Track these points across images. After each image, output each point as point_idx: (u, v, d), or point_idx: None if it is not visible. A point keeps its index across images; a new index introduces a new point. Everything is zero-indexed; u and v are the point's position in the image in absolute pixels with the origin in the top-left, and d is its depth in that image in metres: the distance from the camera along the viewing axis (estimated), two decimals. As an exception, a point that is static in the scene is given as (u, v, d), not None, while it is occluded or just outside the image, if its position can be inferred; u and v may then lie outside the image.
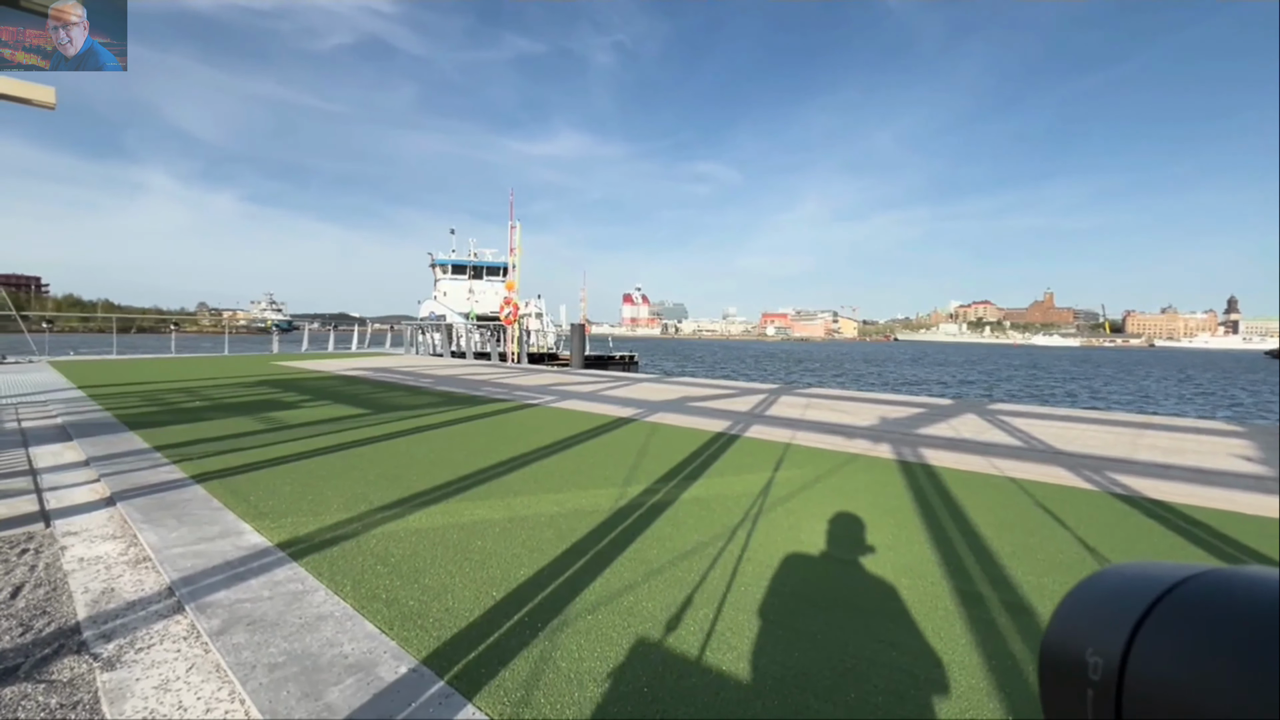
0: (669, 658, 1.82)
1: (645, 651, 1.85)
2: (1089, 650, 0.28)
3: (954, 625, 2.04)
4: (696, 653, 1.85)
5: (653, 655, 1.83)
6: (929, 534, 2.95)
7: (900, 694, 1.66)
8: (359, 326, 23.58)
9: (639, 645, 1.89)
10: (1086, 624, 0.29)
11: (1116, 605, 0.28)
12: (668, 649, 1.87)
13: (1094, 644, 0.28)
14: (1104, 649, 0.27)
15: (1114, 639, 0.27)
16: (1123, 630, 0.27)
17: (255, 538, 2.77)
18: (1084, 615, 0.30)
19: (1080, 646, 0.29)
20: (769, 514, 3.23)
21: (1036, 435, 5.60)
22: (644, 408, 7.30)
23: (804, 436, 5.50)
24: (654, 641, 1.91)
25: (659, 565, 2.51)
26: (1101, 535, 2.95)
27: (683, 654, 1.84)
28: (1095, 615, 0.29)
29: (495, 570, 2.45)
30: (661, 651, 1.86)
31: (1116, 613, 0.28)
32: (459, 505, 3.32)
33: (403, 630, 1.96)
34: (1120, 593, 0.29)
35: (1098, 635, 0.28)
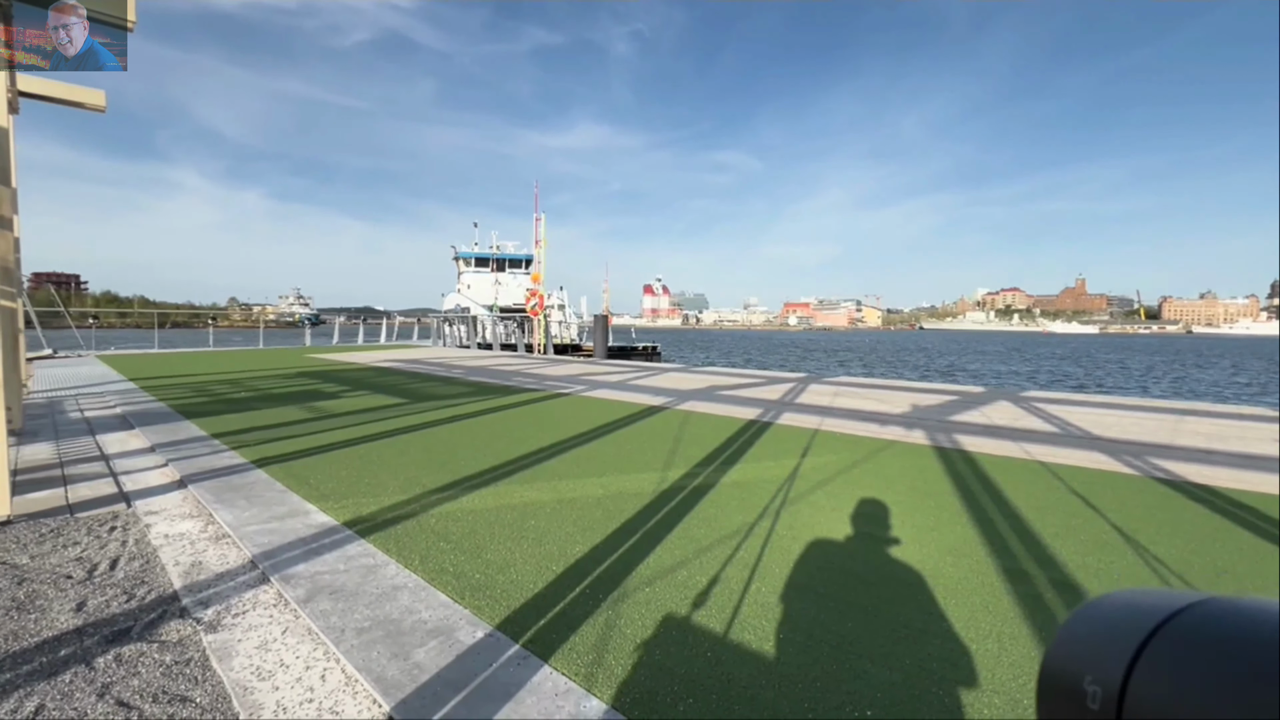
0: (727, 625, 1.92)
1: (704, 620, 1.95)
2: (1087, 679, 0.28)
3: (1001, 600, 2.11)
4: (754, 621, 1.94)
5: (712, 623, 1.93)
6: (970, 516, 2.99)
7: (953, 660, 1.73)
8: (385, 320, 24.03)
9: (697, 615, 1.99)
10: (1086, 651, 0.29)
11: (1116, 632, 0.28)
12: (725, 618, 1.97)
13: (1093, 672, 0.28)
14: (1103, 677, 0.27)
15: (1113, 667, 0.27)
16: (1122, 659, 0.27)
17: (322, 517, 2.93)
18: (1083, 642, 0.30)
19: (1079, 674, 0.29)
20: (809, 497, 3.30)
21: (1073, 422, 5.57)
22: (674, 396, 7.39)
23: (835, 424, 5.54)
24: (711, 612, 2.01)
25: (707, 543, 2.61)
26: (1144, 518, 2.97)
27: (740, 622, 1.94)
28: (1095, 642, 0.29)
29: (551, 547, 2.57)
30: (719, 620, 1.95)
31: (1116, 640, 0.28)
32: (508, 488, 3.45)
33: (473, 600, 2.08)
34: (1120, 620, 0.29)
35: (1096, 663, 0.28)
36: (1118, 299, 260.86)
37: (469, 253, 32.90)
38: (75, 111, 5.50)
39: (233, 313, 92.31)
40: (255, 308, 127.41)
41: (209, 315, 24.48)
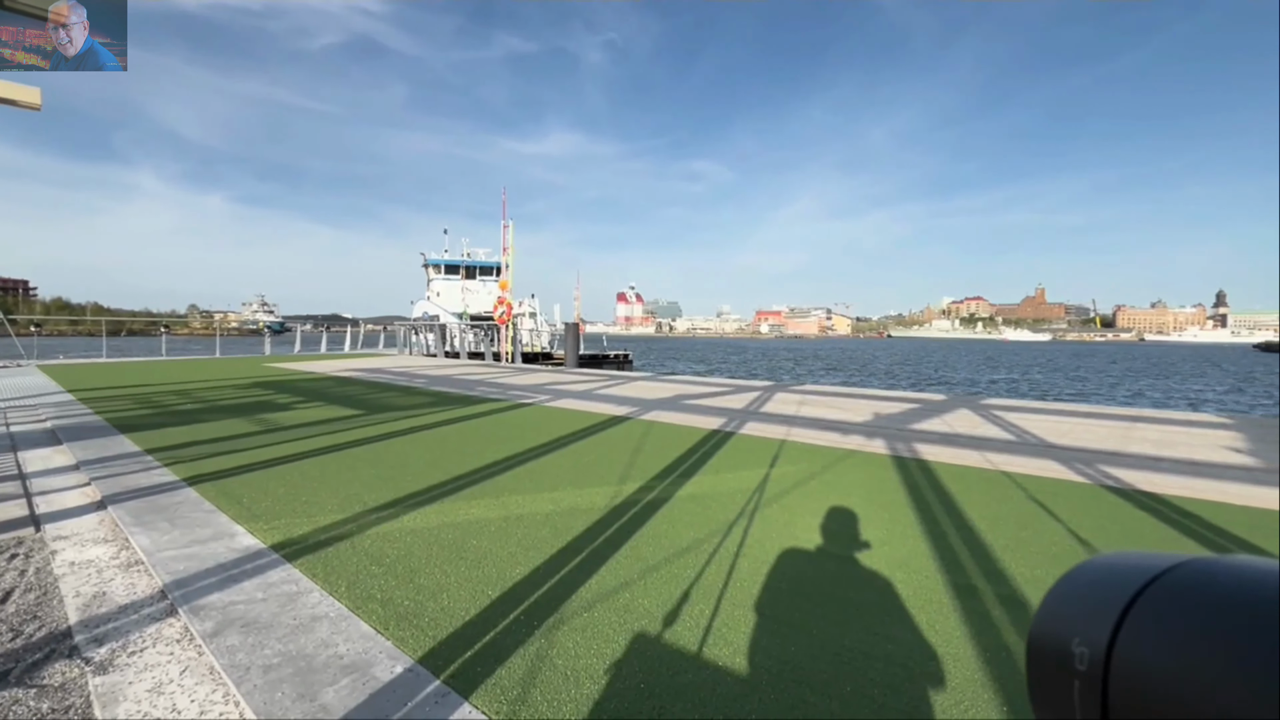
0: (665, 653, 1.82)
1: (642, 648, 1.85)
2: (1075, 640, 0.28)
3: (948, 618, 2.06)
4: (693, 648, 1.85)
5: (649, 651, 1.83)
6: (923, 528, 2.96)
7: (895, 687, 1.66)
8: (351, 327, 23.48)
9: (635, 642, 1.89)
10: (1072, 614, 0.29)
11: (1102, 595, 0.28)
12: (664, 645, 1.87)
13: (1080, 634, 0.28)
14: (1090, 639, 0.27)
15: (1099, 629, 0.27)
16: (1108, 620, 0.27)
17: (249, 540, 2.75)
18: (1070, 605, 0.30)
19: (1066, 637, 0.29)
20: (764, 510, 3.23)
21: (1029, 430, 5.64)
22: (639, 406, 7.30)
23: (799, 433, 5.51)
24: (651, 638, 1.91)
25: (655, 562, 2.51)
26: (1094, 527, 2.97)
27: (679, 649, 1.84)
28: (1081, 605, 0.29)
29: (491, 569, 2.44)
30: (658, 647, 1.86)
31: (1102, 603, 0.28)
32: (454, 505, 3.31)
33: (398, 630, 1.95)
34: (1105, 583, 0.29)
35: (1083, 625, 0.28)
36: (1075, 307, 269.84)
37: (439, 260, 32.47)
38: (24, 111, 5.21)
39: (192, 320, 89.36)
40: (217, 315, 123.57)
41: (164, 322, 23.59)
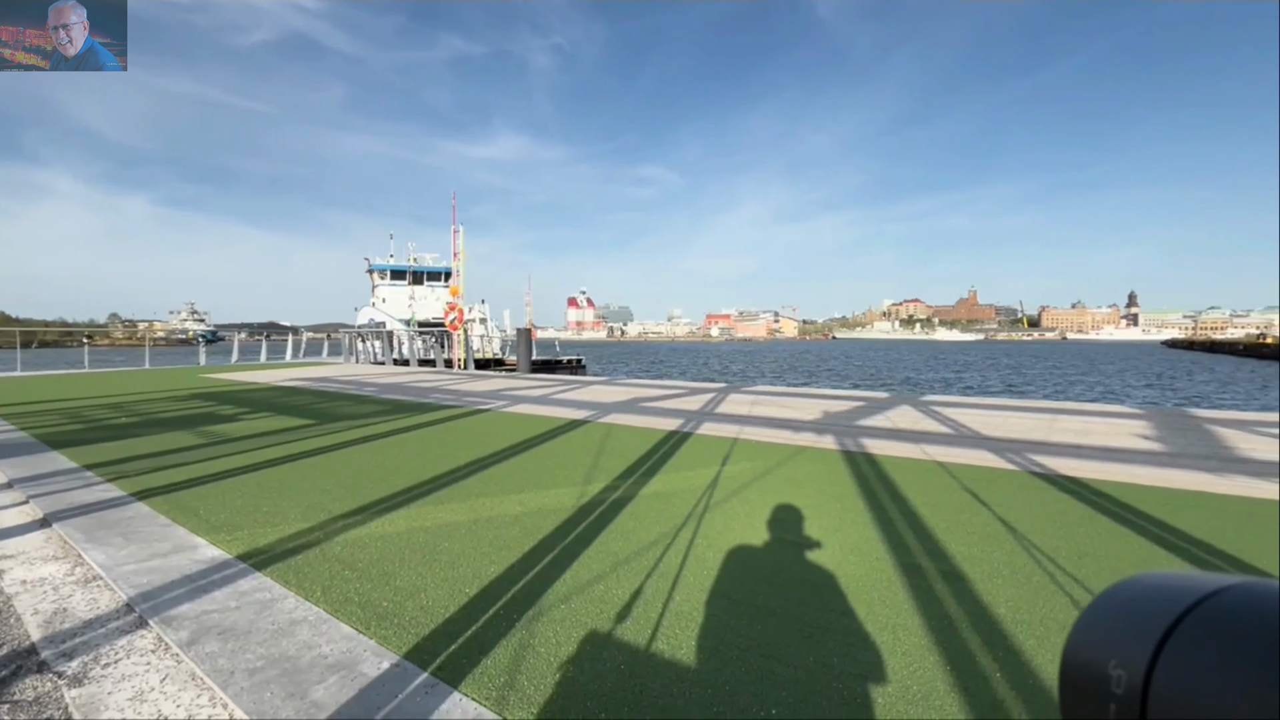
0: (641, 637, 1.94)
1: (620, 633, 1.96)
2: (1112, 663, 0.27)
3: (897, 592, 2.25)
4: (667, 631, 1.97)
5: (627, 635, 1.95)
6: (872, 516, 3.18)
7: (852, 655, 1.83)
8: (292, 335, 22.62)
9: (613, 628, 2.00)
10: (1110, 635, 0.29)
11: (1143, 616, 0.27)
12: (641, 629, 1.99)
13: (1117, 656, 0.27)
14: (1128, 662, 0.26)
15: (1139, 652, 0.26)
16: (1148, 643, 0.26)
17: (212, 551, 2.72)
18: (1107, 626, 0.29)
19: (1103, 658, 0.28)
20: (725, 505, 3.39)
21: (965, 423, 6.03)
22: (597, 409, 7.39)
23: (752, 431, 5.73)
24: (627, 624, 2.02)
25: (625, 556, 2.63)
26: (1022, 510, 3.26)
27: (654, 633, 1.96)
28: (1119, 626, 0.28)
29: (465, 569, 2.50)
30: (635, 632, 1.97)
31: (1142, 624, 0.27)
32: (421, 510, 3.33)
33: (380, 629, 2.00)
34: (1145, 604, 0.28)
35: (1121, 647, 0.27)
36: (1004, 308, 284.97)
37: (384, 265, 31.68)
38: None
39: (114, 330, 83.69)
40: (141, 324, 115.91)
41: (85, 333, 22.13)
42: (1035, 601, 2.17)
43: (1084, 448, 4.83)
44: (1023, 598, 2.20)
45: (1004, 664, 1.77)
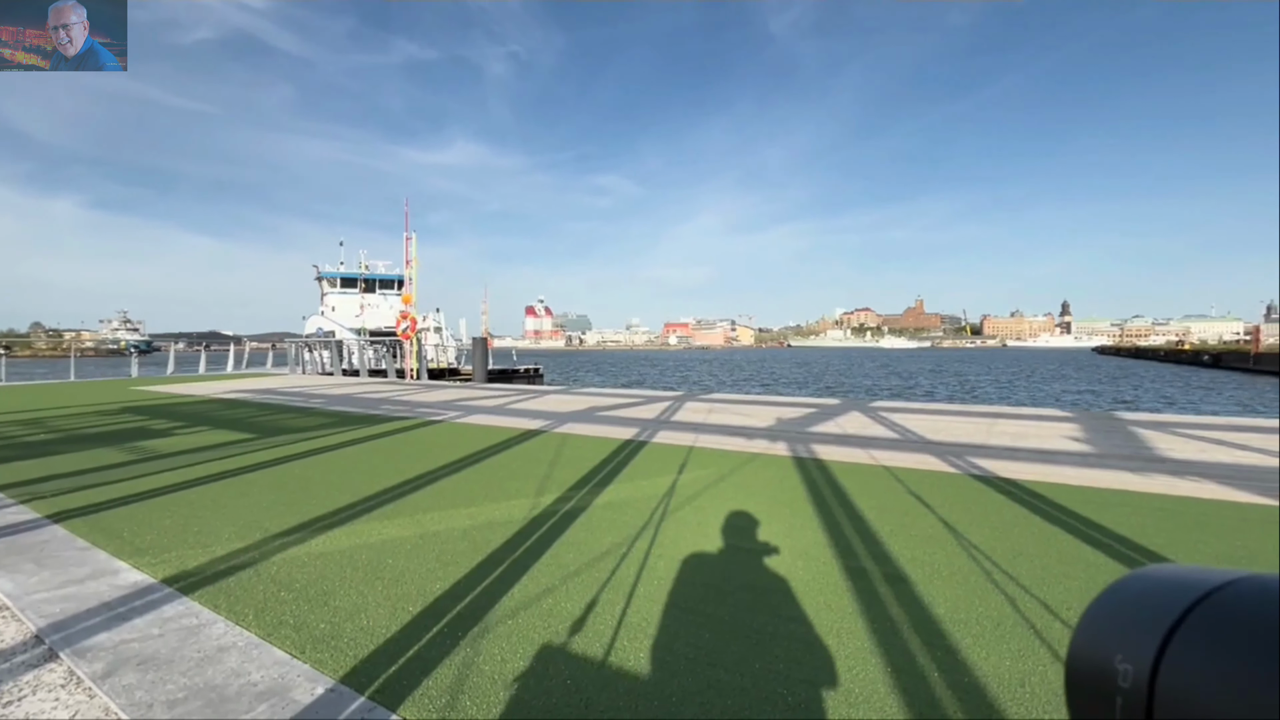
0: (590, 650, 1.91)
1: (567, 647, 1.93)
2: (1118, 657, 0.27)
3: (842, 597, 2.29)
4: (617, 643, 1.96)
5: (574, 650, 1.92)
6: (820, 521, 3.24)
7: (797, 660, 1.85)
8: (234, 345, 21.66)
9: (560, 643, 1.97)
10: (1116, 629, 0.29)
11: (1149, 610, 0.28)
12: (588, 643, 1.96)
13: (1124, 650, 0.27)
14: (1134, 656, 0.27)
15: (1145, 646, 0.26)
16: (1155, 637, 0.26)
17: (135, 575, 2.56)
18: (1114, 620, 0.29)
19: (1109, 652, 0.28)
20: (677, 513, 3.40)
21: (910, 428, 6.23)
22: (552, 419, 7.32)
23: (707, 439, 5.77)
24: (575, 638, 2.00)
25: (575, 568, 2.60)
26: (962, 511, 3.38)
27: (603, 645, 1.94)
28: (1125, 620, 0.28)
29: (410, 586, 2.43)
30: (582, 645, 1.95)
31: (1148, 619, 0.27)
32: (365, 526, 3.22)
33: (315, 653, 1.91)
34: (1152, 598, 0.28)
35: (1128, 641, 0.27)
36: (949, 317, 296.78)
37: (334, 273, 30.70)
38: None
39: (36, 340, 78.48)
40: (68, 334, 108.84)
41: (2, 343, 20.66)
42: (972, 601, 2.24)
43: (1020, 450, 5.05)
44: (960, 598, 2.27)
45: (941, 664, 1.82)
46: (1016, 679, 1.73)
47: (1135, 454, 4.83)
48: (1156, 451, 4.91)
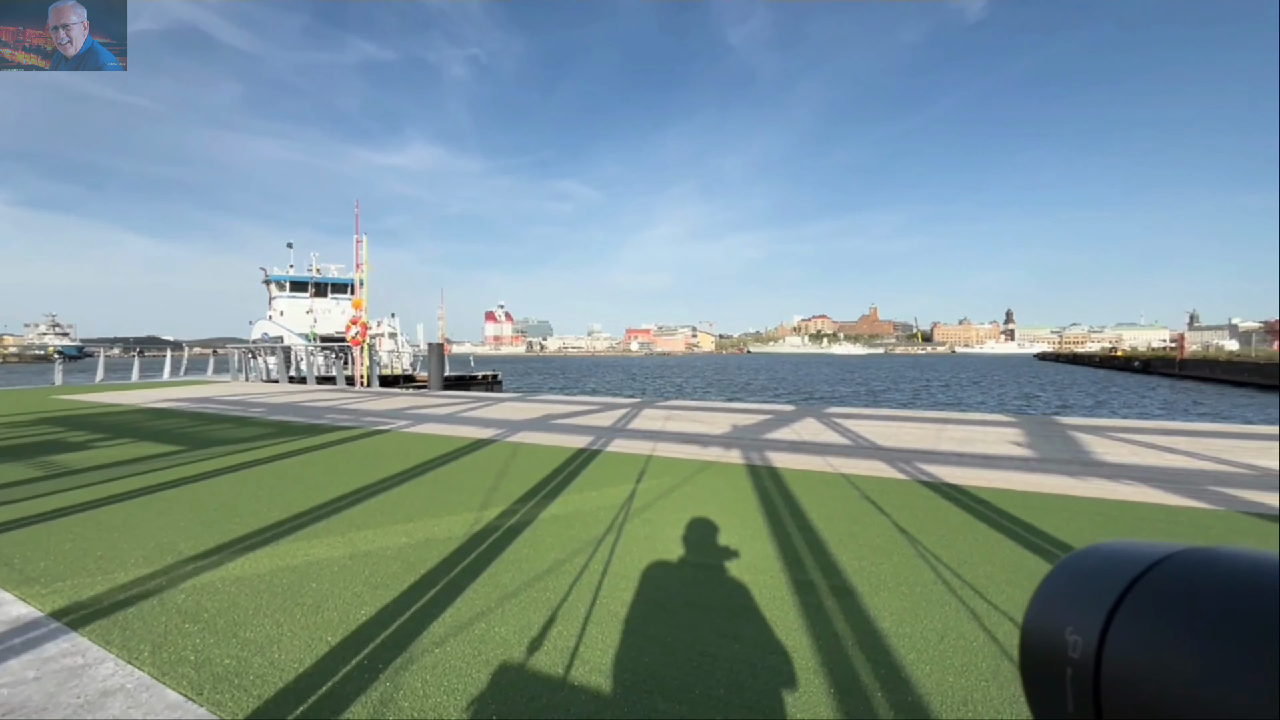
0: (521, 680, 1.79)
1: (497, 678, 1.81)
2: (1068, 629, 0.28)
3: (789, 613, 2.23)
4: (551, 671, 1.84)
5: (504, 680, 1.79)
6: (771, 531, 3.18)
7: (739, 684, 1.77)
8: (173, 351, 20.57)
9: (490, 673, 1.83)
10: (1066, 602, 0.30)
11: (1096, 584, 0.29)
12: (520, 672, 1.84)
13: (1073, 622, 0.28)
14: (1083, 627, 0.27)
15: (1093, 617, 0.27)
16: (1101, 608, 0.27)
17: (19, 608, 2.30)
18: (1064, 593, 0.30)
19: (1060, 625, 0.29)
20: (628, 525, 3.29)
21: (863, 434, 6.29)
22: (506, 428, 7.13)
23: (664, 447, 5.69)
24: (506, 666, 1.87)
25: (514, 588, 2.47)
26: (910, 519, 3.38)
27: (536, 674, 1.82)
28: (1075, 594, 0.29)
29: (331, 613, 2.25)
30: (513, 675, 1.82)
31: (1096, 591, 0.28)
32: (291, 546, 3.01)
33: (215, 694, 1.73)
34: (1100, 571, 0.29)
35: (1077, 614, 0.28)
36: (901, 324, 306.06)
37: (283, 276, 29.58)
38: None
39: (-49, 345, 72.86)
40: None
41: (-92, 349, 19.06)
42: (917, 613, 2.21)
43: (966, 455, 5.14)
44: (905, 609, 2.23)
45: (885, 682, 1.76)
46: (960, 697, 1.69)
47: (1074, 458, 4.97)
48: (1093, 455, 5.07)
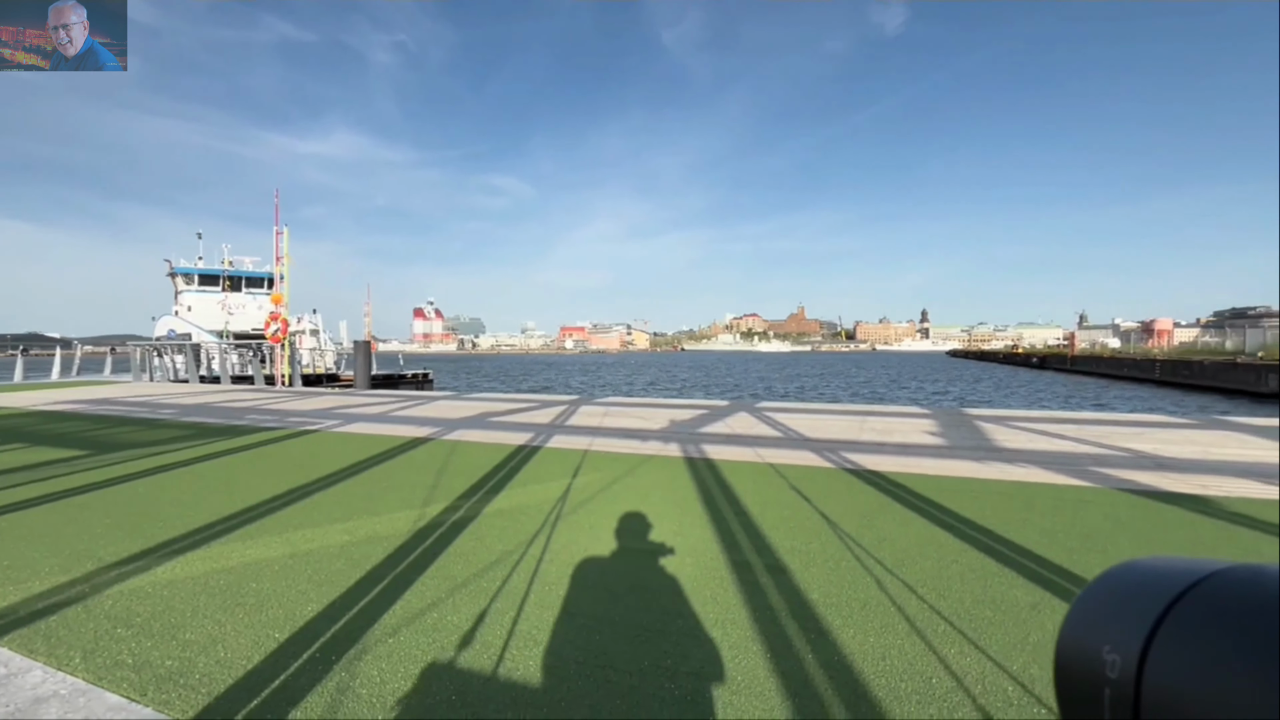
0: (478, 663, 1.86)
1: (452, 662, 1.87)
2: (1106, 648, 0.27)
3: (728, 590, 2.40)
4: (505, 654, 1.92)
5: (461, 664, 1.86)
6: (709, 518, 3.36)
7: (685, 654, 1.91)
8: (62, 349, 18.80)
9: (446, 658, 1.89)
10: (1104, 620, 0.29)
11: (1135, 601, 0.28)
12: (476, 655, 1.91)
13: (1111, 641, 0.27)
14: (1122, 646, 0.27)
15: (1133, 636, 0.27)
16: (1142, 628, 0.26)
17: (-80, 623, 2.15)
18: (1102, 611, 0.29)
19: (1097, 644, 0.28)
20: (570, 518, 3.39)
21: (792, 427, 6.63)
22: (441, 426, 7.03)
23: (602, 443, 5.80)
24: (462, 651, 1.93)
25: (463, 579, 2.51)
26: (835, 503, 3.64)
27: (491, 656, 1.90)
28: (1113, 611, 0.29)
29: (276, 611, 2.23)
30: (470, 659, 1.89)
31: (1135, 609, 0.27)
32: (225, 548, 2.92)
33: (160, 694, 1.71)
34: (1139, 588, 0.28)
35: (1115, 632, 0.28)
36: (827, 323, 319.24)
37: (191, 268, 27.59)
38: None
39: None
40: None
41: None
42: (842, 585, 2.43)
43: (885, 445, 5.54)
44: (832, 583, 2.45)
45: (814, 644, 1.95)
46: (879, 653, 1.90)
47: (978, 445, 5.45)
48: (994, 442, 5.58)
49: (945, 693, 1.70)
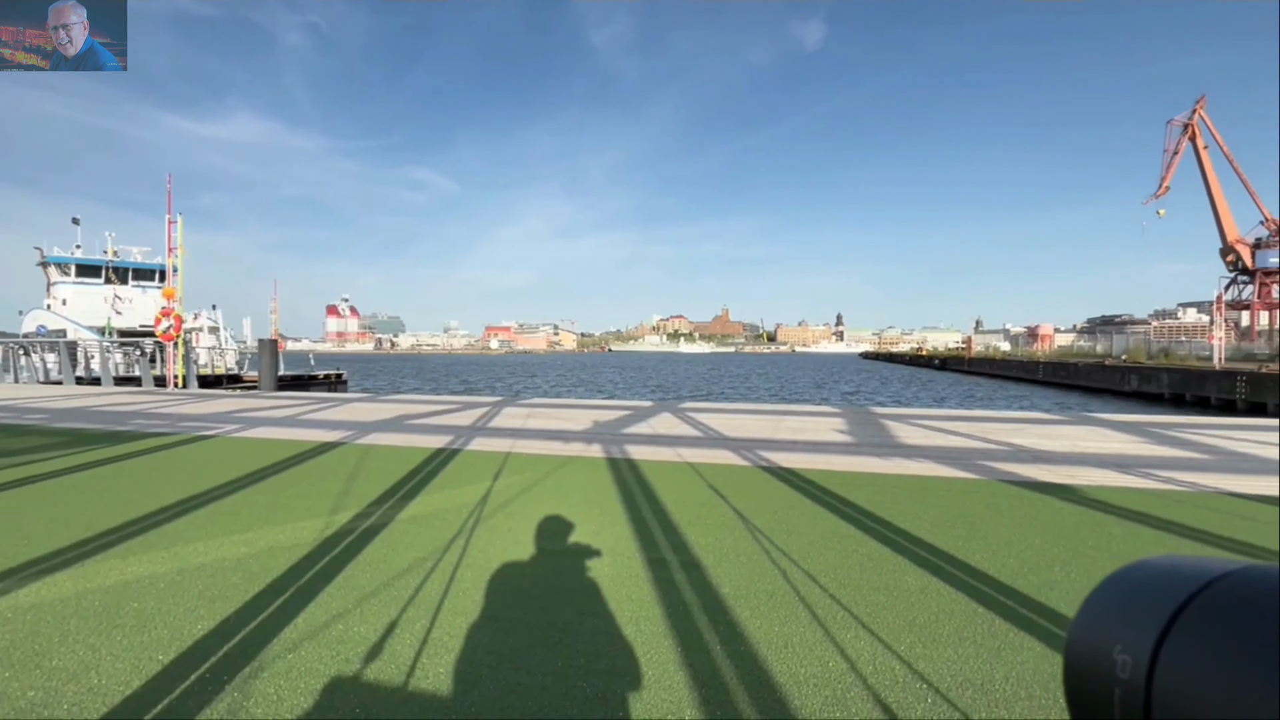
0: (385, 675, 1.81)
1: (357, 675, 1.81)
2: (1117, 648, 0.27)
3: (643, 588, 2.45)
4: (416, 663, 1.87)
5: (366, 677, 1.80)
6: (628, 517, 3.41)
7: (598, 652, 1.94)
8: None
9: (350, 671, 1.83)
10: (1115, 620, 0.29)
11: (1146, 601, 0.28)
12: (383, 667, 1.86)
13: (1122, 641, 0.27)
14: (1133, 647, 0.27)
15: (1144, 636, 0.26)
16: (1153, 627, 0.26)
17: None
18: (1112, 611, 0.29)
19: (1108, 644, 0.28)
20: (488, 521, 3.34)
21: (713, 426, 6.82)
22: (355, 429, 6.73)
23: (524, 444, 5.74)
24: (369, 664, 1.87)
25: (372, 589, 2.43)
26: (749, 499, 3.79)
27: (401, 668, 1.85)
28: (1124, 611, 0.29)
29: (160, 631, 2.08)
30: (377, 671, 1.83)
31: (1146, 609, 0.27)
32: (100, 565, 2.68)
33: (20, 728, 1.56)
34: (1150, 588, 0.28)
35: (1126, 633, 0.27)
36: (750, 325, 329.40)
37: (66, 258, 24.86)
38: None
39: None
40: None
41: None
42: (752, 578, 2.54)
43: (798, 443, 5.80)
44: (743, 577, 2.56)
45: (724, 637, 2.04)
46: (781, 641, 2.01)
47: (882, 442, 5.82)
48: (897, 439, 5.97)
49: (839, 675, 1.82)
